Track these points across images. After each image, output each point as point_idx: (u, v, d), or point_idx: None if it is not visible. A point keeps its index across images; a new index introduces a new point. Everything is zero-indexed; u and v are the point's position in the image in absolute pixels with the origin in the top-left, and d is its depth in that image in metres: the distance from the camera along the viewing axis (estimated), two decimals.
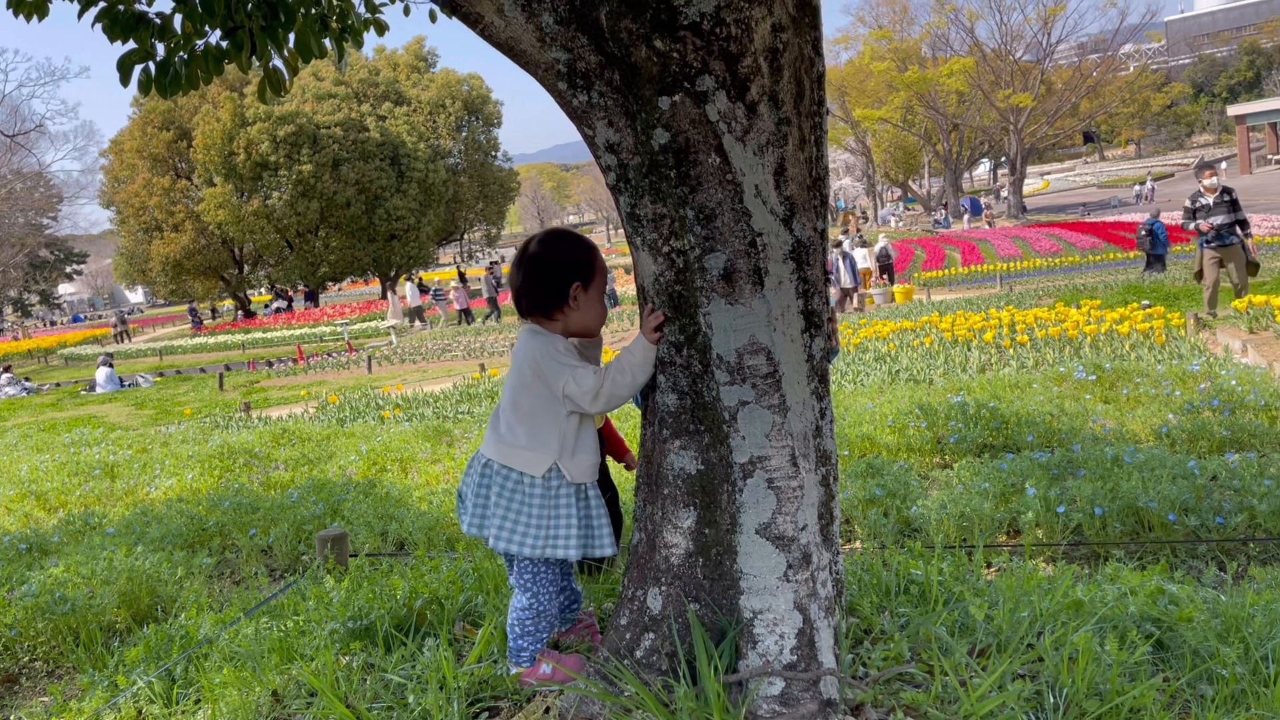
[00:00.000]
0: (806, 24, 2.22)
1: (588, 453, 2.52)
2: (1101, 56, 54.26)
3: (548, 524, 2.47)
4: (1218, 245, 12.02)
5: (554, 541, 2.47)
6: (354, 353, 24.38)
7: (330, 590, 3.46)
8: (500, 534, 2.49)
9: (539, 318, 2.53)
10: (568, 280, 2.48)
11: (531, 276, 2.52)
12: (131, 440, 11.43)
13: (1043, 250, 29.38)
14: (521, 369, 2.49)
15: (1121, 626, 2.67)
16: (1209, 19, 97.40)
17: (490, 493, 2.52)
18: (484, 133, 52.55)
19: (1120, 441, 5.89)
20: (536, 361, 2.45)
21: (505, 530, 2.49)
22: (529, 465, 2.48)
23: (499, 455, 2.52)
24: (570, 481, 2.49)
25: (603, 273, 2.56)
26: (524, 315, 2.56)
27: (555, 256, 2.53)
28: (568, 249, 2.55)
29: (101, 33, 3.73)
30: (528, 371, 2.47)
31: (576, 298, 2.49)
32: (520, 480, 2.49)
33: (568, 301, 2.49)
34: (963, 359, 10.92)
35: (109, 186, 48.68)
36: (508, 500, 2.49)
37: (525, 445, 2.48)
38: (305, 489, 6.60)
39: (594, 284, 2.52)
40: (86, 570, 4.56)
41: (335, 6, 3.95)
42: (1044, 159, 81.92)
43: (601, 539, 2.53)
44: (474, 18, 2.23)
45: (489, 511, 2.52)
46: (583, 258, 2.53)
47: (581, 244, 2.58)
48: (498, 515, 2.50)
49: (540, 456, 2.47)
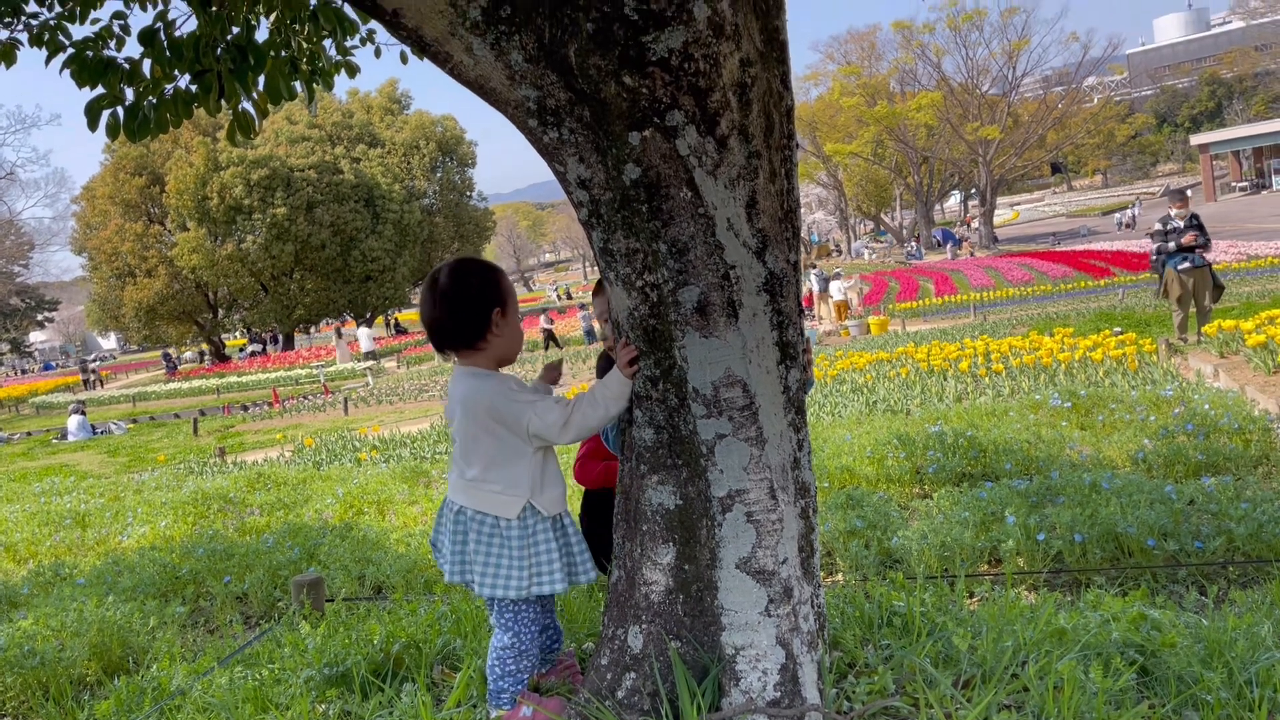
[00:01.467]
0: (774, 58, 2.24)
1: (556, 484, 2.52)
2: (1066, 89, 55.27)
3: (529, 563, 2.45)
4: (1189, 267, 12.19)
5: (539, 579, 2.45)
6: (330, 395, 24.22)
7: (306, 637, 3.39)
8: (484, 580, 2.45)
9: (464, 351, 2.51)
10: (488, 308, 2.48)
11: (452, 310, 2.49)
12: (104, 488, 11.26)
13: (1015, 280, 29.69)
14: (476, 415, 2.45)
15: (1105, 654, 2.65)
16: (1169, 51, 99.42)
17: (468, 539, 2.48)
18: (458, 173, 52.77)
19: (1097, 467, 5.91)
20: (493, 406, 2.42)
21: (489, 576, 2.45)
22: (502, 509, 2.45)
23: (470, 501, 2.48)
24: (545, 516, 2.47)
25: (513, 296, 2.55)
26: (443, 349, 2.55)
27: (472, 286, 2.50)
28: (481, 276, 2.52)
29: (70, 79, 3.72)
30: (484, 417, 2.44)
31: (497, 324, 2.49)
32: (496, 524, 2.46)
33: (490, 329, 2.48)
34: (939, 389, 10.97)
35: (81, 233, 48.41)
36: (486, 545, 2.46)
37: (497, 489, 2.45)
38: (281, 534, 6.51)
39: (509, 308, 2.52)
40: (56, 622, 4.47)
41: (305, 49, 3.96)
42: (1013, 190, 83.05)
43: (585, 565, 2.52)
44: (443, 57, 2.23)
45: (468, 558, 2.48)
46: (497, 282, 2.52)
47: (491, 269, 2.56)
48: (479, 561, 2.46)
49: (513, 499, 2.45)
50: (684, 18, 2.02)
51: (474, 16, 2.12)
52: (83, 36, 3.88)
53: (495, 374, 2.50)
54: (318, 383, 28.63)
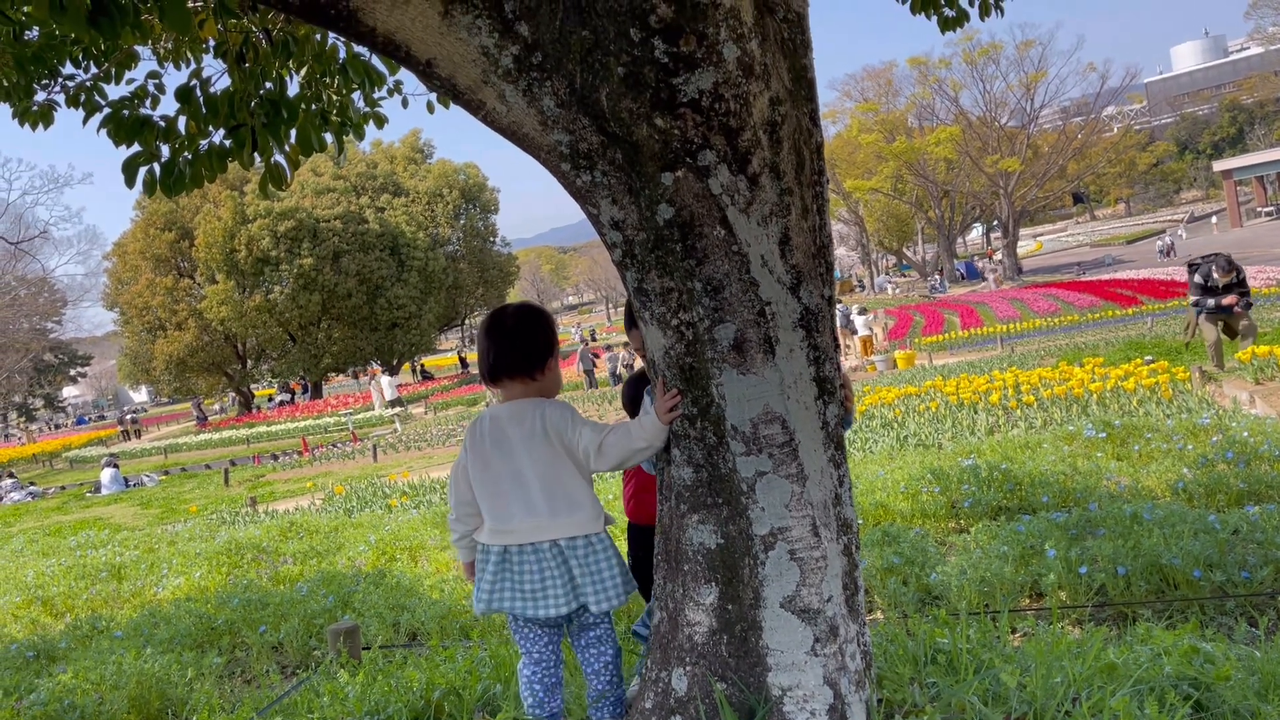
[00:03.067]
0: (803, 96, 2.26)
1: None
2: (1085, 119, 55.21)
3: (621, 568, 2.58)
4: (1223, 313, 12.13)
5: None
6: (359, 442, 24.32)
7: (345, 685, 3.38)
8: (594, 598, 2.51)
9: (523, 379, 2.63)
10: (548, 346, 2.67)
11: (519, 342, 2.64)
12: (138, 540, 11.32)
13: (1041, 310, 29.49)
14: (549, 440, 2.54)
15: (1158, 688, 2.60)
16: (1188, 78, 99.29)
17: (575, 563, 2.52)
18: (482, 219, 53.26)
19: (1137, 498, 5.83)
20: (560, 430, 2.53)
21: (607, 591, 2.52)
22: (590, 525, 2.54)
23: (566, 530, 2.53)
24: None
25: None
26: (503, 376, 2.64)
27: (540, 324, 2.69)
28: (545, 318, 2.73)
29: (107, 137, 3.81)
30: (555, 441, 2.53)
31: (550, 363, 2.67)
32: (590, 542, 2.54)
33: (545, 365, 2.64)
34: (970, 422, 10.88)
35: (112, 288, 49.12)
36: (593, 565, 2.53)
37: (587, 510, 2.54)
38: (315, 582, 6.51)
39: (555, 353, 2.71)
40: (95, 675, 4.48)
41: (335, 102, 4.03)
42: (1035, 221, 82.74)
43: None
44: (476, 104, 2.27)
45: (578, 584, 2.52)
46: (553, 328, 2.74)
47: (549, 316, 2.77)
48: (590, 582, 2.51)
49: (595, 513, 2.56)
50: (714, 59, 2.04)
51: (506, 64, 2.16)
52: (119, 96, 3.98)
53: (553, 403, 2.63)
54: (346, 430, 28.75)
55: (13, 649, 5.83)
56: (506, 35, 2.13)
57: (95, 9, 2.43)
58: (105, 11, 2.43)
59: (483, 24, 2.13)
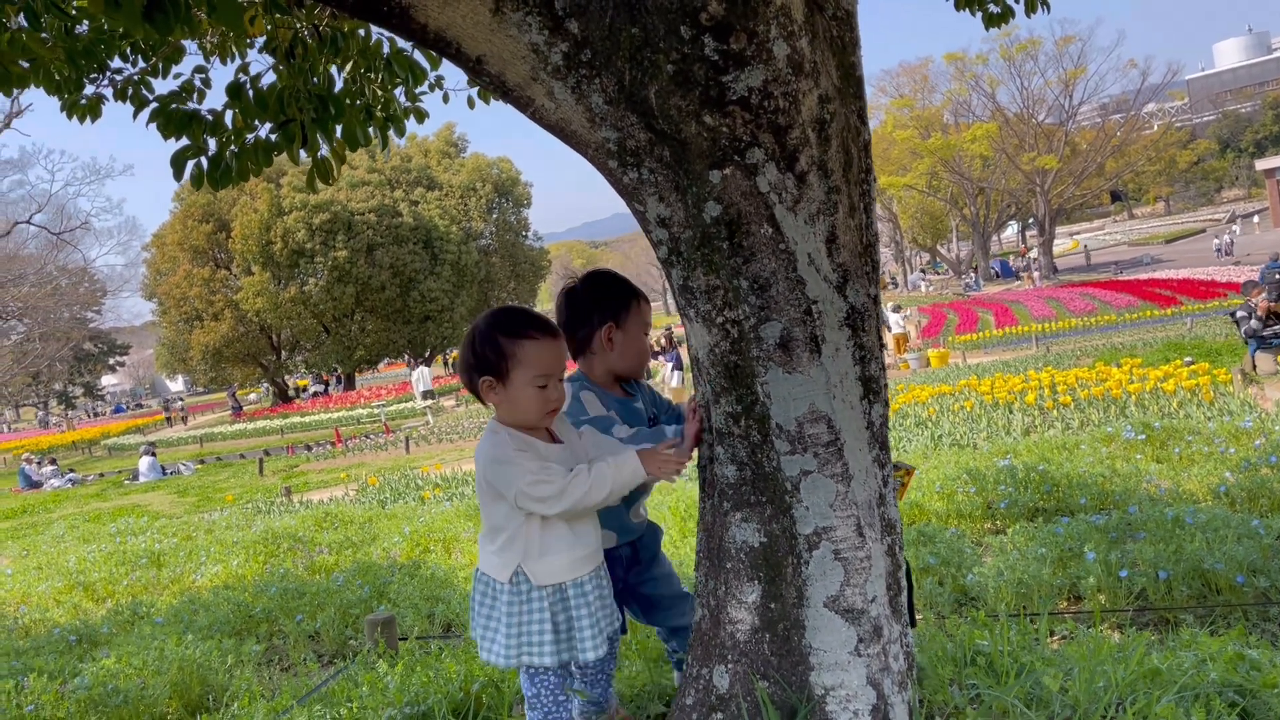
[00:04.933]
0: (851, 94, 2.25)
1: (560, 551, 2.37)
2: (1124, 116, 54.43)
3: (518, 630, 2.36)
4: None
5: (527, 649, 2.36)
6: (391, 434, 24.51)
7: (384, 676, 3.42)
8: (482, 642, 2.43)
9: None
10: (487, 367, 2.43)
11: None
12: (176, 528, 11.49)
13: (1077, 310, 29.16)
14: (478, 474, 2.44)
15: (1203, 695, 2.57)
16: (1230, 75, 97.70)
17: (475, 598, 2.46)
18: (514, 213, 53.40)
19: (1178, 502, 5.75)
20: (483, 470, 2.40)
21: (484, 639, 2.42)
22: (497, 570, 2.39)
23: (480, 559, 2.47)
24: (537, 585, 2.37)
25: (529, 363, 2.40)
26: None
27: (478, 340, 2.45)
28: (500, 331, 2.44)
29: (156, 131, 3.86)
30: (480, 478, 2.42)
31: (493, 387, 2.41)
32: (491, 585, 2.42)
33: (481, 388, 2.43)
34: (1005, 422, 10.78)
35: (151, 279, 49.79)
36: (487, 607, 2.43)
37: (495, 549, 2.40)
38: (350, 572, 6.58)
39: (514, 374, 2.39)
40: (138, 661, 4.55)
41: (379, 97, 4.07)
42: (1072, 219, 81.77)
43: (583, 643, 2.38)
44: (525, 101, 2.28)
45: (475, 617, 2.46)
46: (507, 343, 2.43)
47: (514, 326, 2.46)
48: (479, 622, 2.44)
49: (505, 561, 2.37)
50: (764, 56, 2.04)
51: (555, 61, 2.16)
52: (166, 91, 4.04)
53: (500, 432, 2.41)
54: (379, 422, 28.98)
55: (56, 633, 5.94)
56: (556, 32, 2.14)
57: (150, 5, 2.46)
58: (160, 7, 2.46)
59: (533, 21, 2.13)
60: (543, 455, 2.37)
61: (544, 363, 2.37)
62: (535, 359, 2.37)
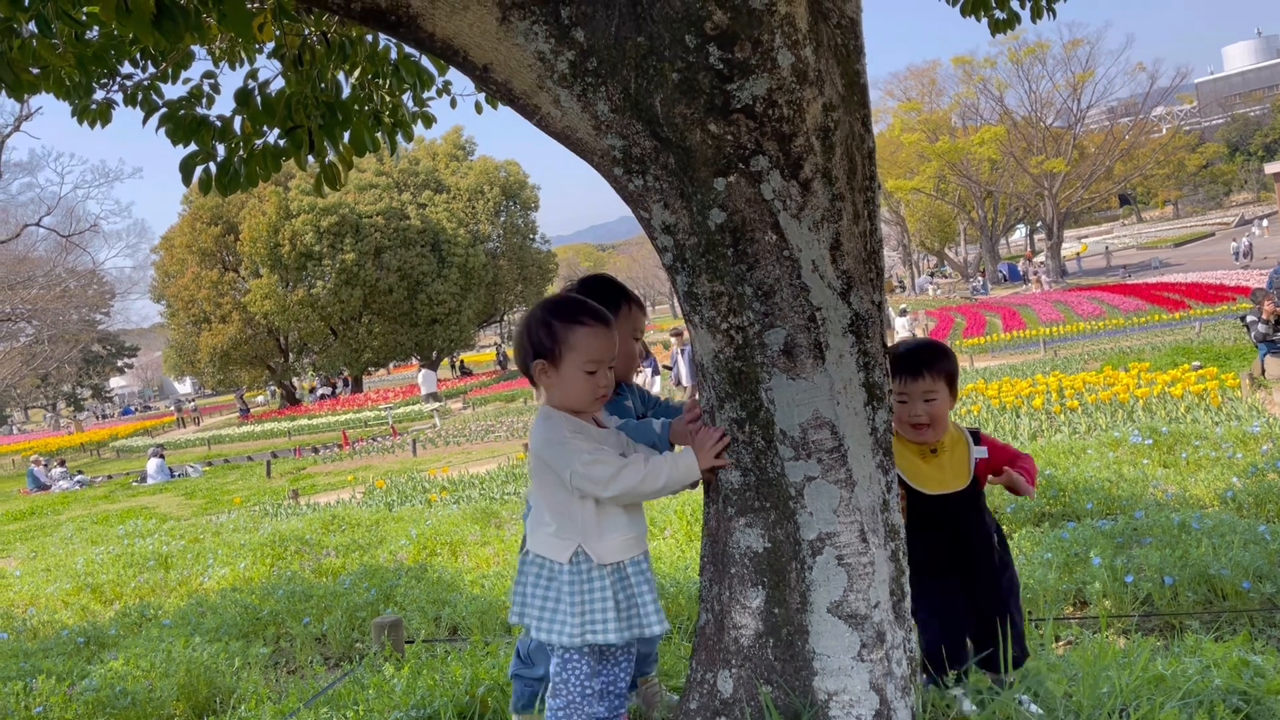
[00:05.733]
0: (856, 102, 2.26)
1: (617, 530, 2.43)
2: (1133, 120, 54.29)
3: (582, 609, 2.39)
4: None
5: (591, 627, 2.38)
6: (398, 436, 24.55)
7: (391, 679, 3.43)
8: (540, 624, 2.43)
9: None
10: (529, 356, 2.51)
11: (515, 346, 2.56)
12: (183, 530, 11.54)
13: (1085, 314, 29.08)
14: (532, 456, 2.48)
15: (1208, 701, 2.57)
16: (1239, 79, 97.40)
17: (527, 581, 2.48)
18: (522, 216, 53.47)
19: (1184, 507, 5.75)
20: (538, 450, 2.43)
21: (545, 620, 2.43)
22: (556, 551, 2.42)
23: (532, 543, 2.49)
24: (599, 564, 2.40)
25: (576, 349, 2.45)
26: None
27: (523, 328, 2.56)
28: (537, 320, 2.54)
29: (164, 137, 3.89)
30: (535, 460, 2.46)
31: (545, 372, 2.46)
32: (549, 566, 2.44)
33: (535, 375, 2.50)
34: (1012, 426, 10.77)
35: (159, 281, 49.95)
36: (544, 588, 2.44)
37: (552, 530, 2.43)
38: (357, 575, 6.60)
39: (563, 361, 2.46)
40: (146, 663, 4.57)
41: (387, 103, 4.09)
42: (1080, 222, 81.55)
43: (648, 617, 2.42)
44: (531, 109, 2.29)
45: (527, 600, 2.47)
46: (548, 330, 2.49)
47: (554, 315, 2.52)
48: (535, 604, 2.45)
49: (564, 542, 2.41)
50: (768, 65, 2.05)
51: (561, 69, 2.18)
52: (175, 96, 4.06)
53: (554, 415, 2.46)
54: (386, 424, 29.04)
55: (64, 635, 5.97)
56: (562, 41, 2.15)
57: (159, 11, 2.49)
58: (169, 14, 2.48)
59: (539, 30, 2.15)
60: (595, 439, 2.45)
61: (595, 349, 2.44)
62: (586, 345, 2.44)
